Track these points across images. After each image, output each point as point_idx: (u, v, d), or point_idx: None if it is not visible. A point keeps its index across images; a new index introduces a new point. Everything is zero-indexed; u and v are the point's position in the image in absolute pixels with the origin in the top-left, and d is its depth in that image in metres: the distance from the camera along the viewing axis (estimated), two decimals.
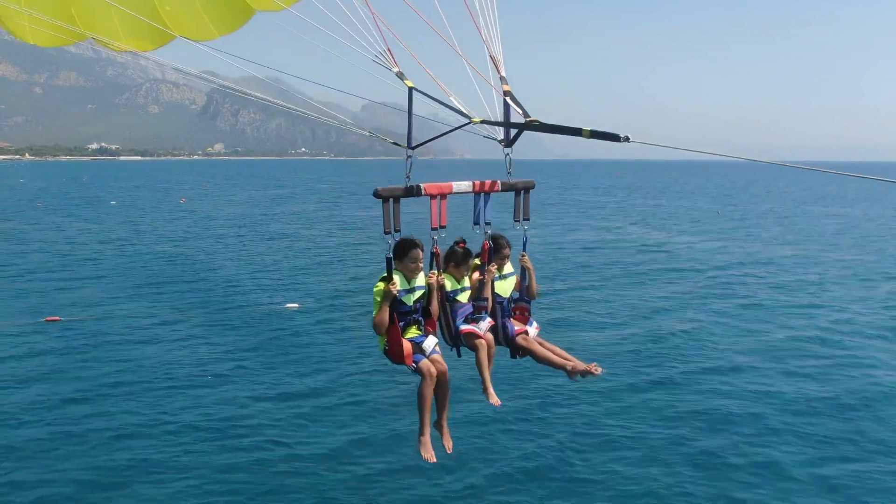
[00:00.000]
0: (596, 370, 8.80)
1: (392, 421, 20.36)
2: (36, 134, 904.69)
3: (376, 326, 8.33)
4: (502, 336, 9.14)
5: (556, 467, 17.71)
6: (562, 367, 9.02)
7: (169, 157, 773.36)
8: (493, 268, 8.98)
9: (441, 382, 8.67)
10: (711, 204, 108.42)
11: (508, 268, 9.30)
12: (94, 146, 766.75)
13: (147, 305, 34.95)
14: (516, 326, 9.24)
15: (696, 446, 18.76)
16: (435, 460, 8.68)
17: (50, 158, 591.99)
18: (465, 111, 7.90)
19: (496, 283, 9.11)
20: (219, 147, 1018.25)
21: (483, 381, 8.83)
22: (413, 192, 7.94)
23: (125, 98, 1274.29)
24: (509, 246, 9.21)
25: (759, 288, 39.27)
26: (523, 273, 9.38)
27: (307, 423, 20.37)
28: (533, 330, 9.34)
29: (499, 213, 8.94)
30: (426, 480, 16.95)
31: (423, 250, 8.52)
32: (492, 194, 8.64)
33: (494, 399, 8.81)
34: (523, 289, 9.42)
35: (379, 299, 8.26)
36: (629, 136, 6.47)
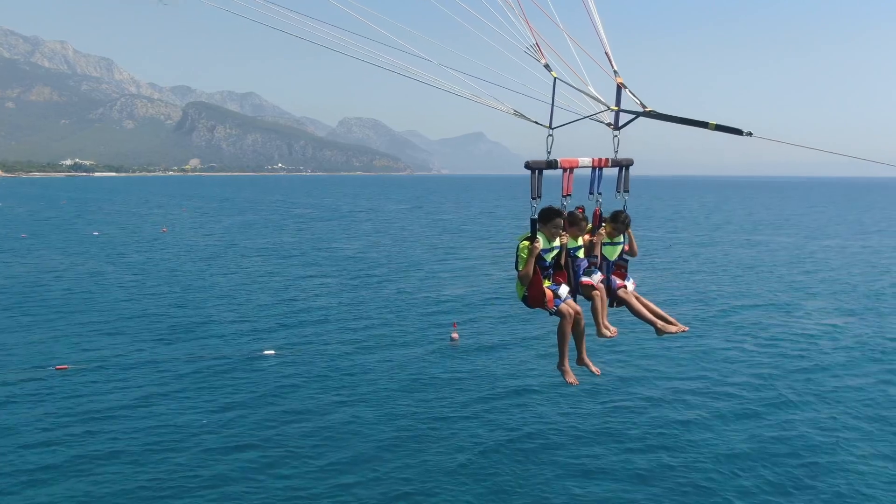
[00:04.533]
0: (684, 329, 11.02)
1: (375, 463, 24.84)
2: (8, 149, 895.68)
3: (523, 278, 10.09)
4: (606, 288, 11.06)
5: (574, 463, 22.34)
6: (651, 324, 11.01)
7: (144, 174, 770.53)
8: (603, 231, 11.02)
9: (577, 322, 10.57)
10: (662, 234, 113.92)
11: (620, 237, 11.31)
12: (69, 162, 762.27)
13: (139, 351, 38.86)
14: (617, 281, 11.22)
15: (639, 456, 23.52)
16: (578, 383, 10.64)
17: (23, 175, 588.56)
18: (603, 100, 9.58)
19: (607, 248, 11.13)
20: (195, 162, 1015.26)
21: (596, 324, 10.90)
22: (552, 165, 9.67)
23: (99, 113, 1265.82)
24: (630, 223, 11.19)
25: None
26: (623, 237, 11.38)
27: (286, 469, 24.80)
28: (631, 285, 11.26)
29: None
30: None
31: (563, 219, 10.32)
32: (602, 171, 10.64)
33: (606, 334, 10.90)
34: (622, 250, 11.43)
35: (525, 256, 10.04)
36: (752, 132, 7.19)
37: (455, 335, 41.95)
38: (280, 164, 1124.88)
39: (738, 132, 7.06)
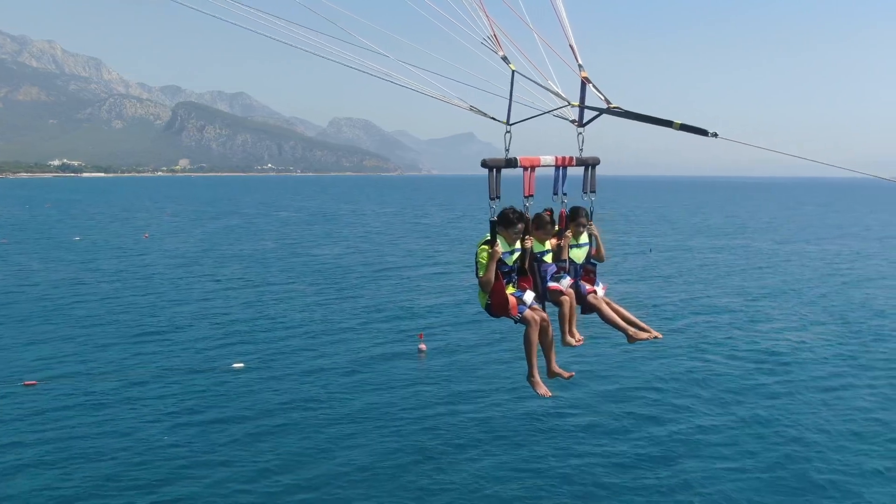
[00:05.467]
0: (657, 336, 10.49)
1: (334, 474, 25.34)
2: None
3: (484, 284, 9.52)
4: (575, 294, 10.51)
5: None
6: (623, 331, 10.46)
7: (133, 174, 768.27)
8: (570, 233, 10.46)
9: (544, 329, 9.95)
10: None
11: (584, 238, 10.73)
12: (56, 162, 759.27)
13: (108, 363, 39.18)
14: (587, 286, 10.63)
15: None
16: (550, 394, 9.92)
17: (10, 175, 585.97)
18: (563, 96, 9.02)
19: (572, 250, 10.56)
20: (184, 163, 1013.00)
21: (562, 331, 10.42)
22: (512, 163, 9.12)
23: (88, 113, 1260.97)
24: (586, 217, 10.58)
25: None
26: (591, 240, 10.82)
27: (246, 479, 25.17)
28: (601, 290, 10.69)
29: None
30: None
31: (525, 224, 9.71)
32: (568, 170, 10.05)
33: (571, 342, 10.51)
34: (589, 253, 10.85)
35: (485, 261, 9.47)
36: (717, 133, 6.76)
37: (422, 346, 42.32)
38: (270, 165, 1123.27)
39: (703, 132, 6.68)
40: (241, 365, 39.13)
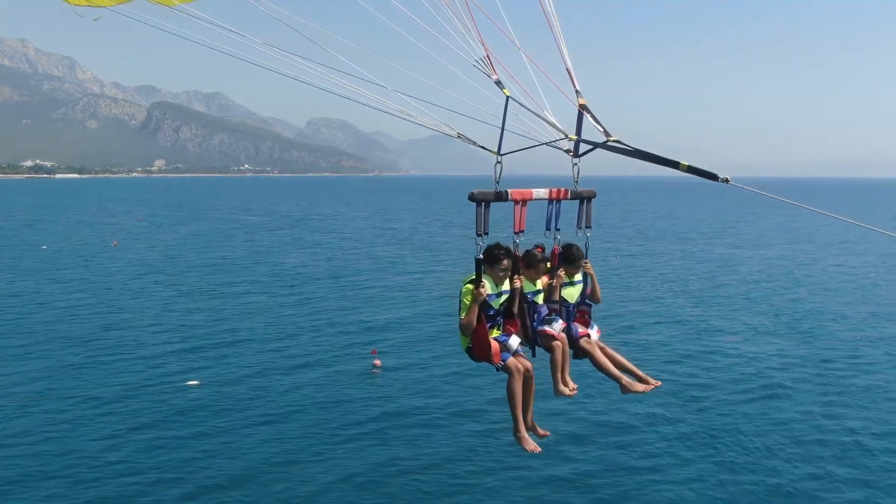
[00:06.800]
0: (656, 384, 9.84)
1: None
2: None
3: (465, 327, 8.81)
4: (567, 337, 9.82)
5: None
6: (616, 380, 9.69)
7: (107, 175, 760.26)
8: (562, 272, 9.66)
9: (527, 379, 9.16)
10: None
11: (578, 275, 9.98)
12: (29, 163, 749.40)
13: (62, 379, 39.21)
14: (580, 329, 9.89)
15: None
16: (539, 450, 9.17)
17: None
18: (560, 127, 8.50)
19: (565, 289, 9.78)
20: (160, 163, 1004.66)
21: (554, 379, 9.65)
22: (502, 196, 8.43)
23: (62, 113, 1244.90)
24: (582, 257, 9.81)
25: None
26: (585, 278, 10.12)
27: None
28: (595, 333, 9.96)
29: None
30: None
31: (511, 260, 9.00)
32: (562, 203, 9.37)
33: (564, 392, 9.71)
34: (585, 293, 10.15)
35: (468, 302, 8.74)
36: (728, 178, 6.31)
37: (377, 362, 42.75)
38: (247, 166, 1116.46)
39: (712, 177, 6.27)
40: (196, 382, 39.42)
